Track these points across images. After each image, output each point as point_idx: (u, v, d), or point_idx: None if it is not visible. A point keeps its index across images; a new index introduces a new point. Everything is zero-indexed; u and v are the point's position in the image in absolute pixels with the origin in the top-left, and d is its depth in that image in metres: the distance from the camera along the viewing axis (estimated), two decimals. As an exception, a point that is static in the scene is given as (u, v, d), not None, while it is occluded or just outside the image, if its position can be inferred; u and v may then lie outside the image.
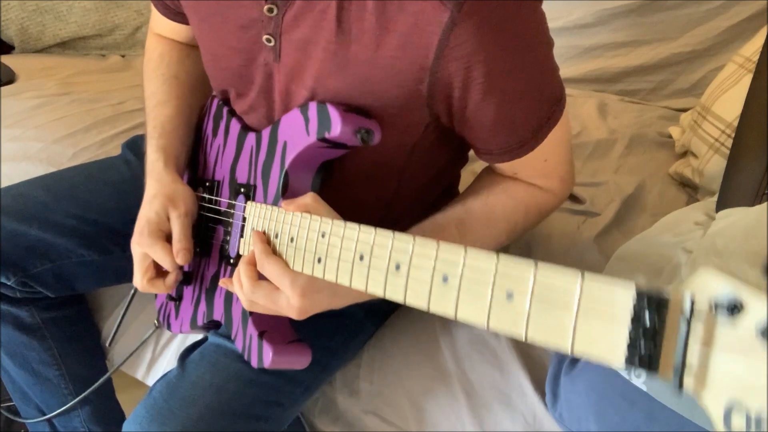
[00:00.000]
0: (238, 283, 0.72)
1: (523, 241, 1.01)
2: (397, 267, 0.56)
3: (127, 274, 0.97)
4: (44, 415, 1.07)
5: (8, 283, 0.96)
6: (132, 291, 1.01)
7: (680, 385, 0.39)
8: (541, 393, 0.84)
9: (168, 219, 0.81)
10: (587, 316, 0.43)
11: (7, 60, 1.59)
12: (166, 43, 0.97)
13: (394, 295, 0.56)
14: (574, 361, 0.80)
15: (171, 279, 0.83)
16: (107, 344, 1.09)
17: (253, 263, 0.71)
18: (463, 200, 0.80)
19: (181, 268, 0.84)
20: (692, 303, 0.39)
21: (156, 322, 0.98)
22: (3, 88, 1.47)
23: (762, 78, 0.89)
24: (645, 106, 1.48)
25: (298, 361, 0.77)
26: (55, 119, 1.36)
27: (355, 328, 0.92)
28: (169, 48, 0.96)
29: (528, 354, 0.88)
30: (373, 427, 0.90)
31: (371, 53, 0.68)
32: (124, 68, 1.71)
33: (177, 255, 0.79)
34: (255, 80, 0.80)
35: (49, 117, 1.37)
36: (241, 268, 0.71)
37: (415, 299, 0.55)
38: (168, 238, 0.81)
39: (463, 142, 0.79)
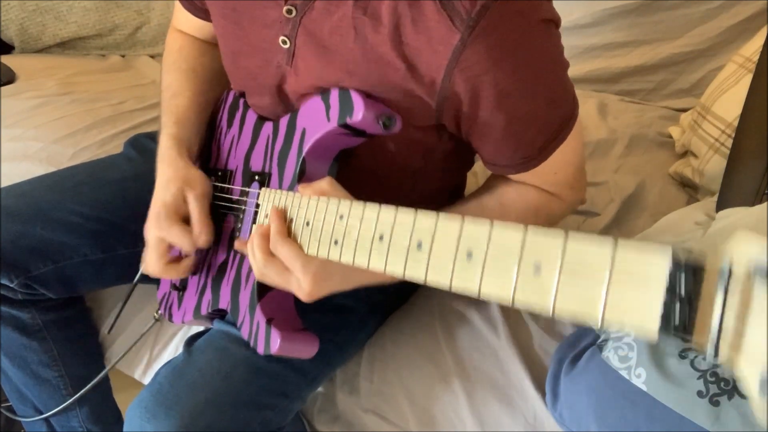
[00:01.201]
0: (251, 253, 0.72)
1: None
2: (419, 245, 0.55)
3: (127, 274, 0.97)
4: (41, 414, 1.07)
5: (11, 285, 0.96)
6: (134, 281, 1.00)
7: (716, 353, 0.38)
8: (542, 392, 0.84)
9: (185, 202, 0.81)
10: (619, 285, 0.42)
11: (7, 60, 1.59)
12: (186, 38, 0.98)
13: (415, 273, 0.56)
14: (575, 361, 0.80)
15: (188, 262, 0.83)
16: (107, 331, 1.08)
17: (267, 236, 0.71)
18: (478, 197, 0.81)
19: (196, 259, 0.84)
20: (730, 268, 0.38)
21: (156, 314, 0.98)
22: (3, 88, 1.47)
23: (762, 78, 0.89)
24: (645, 106, 1.48)
25: (305, 349, 0.77)
26: (55, 119, 1.36)
27: (358, 323, 0.93)
28: (189, 42, 0.97)
29: (528, 354, 0.88)
30: (373, 425, 0.90)
31: (384, 63, 0.69)
32: (124, 68, 1.70)
33: (199, 236, 0.79)
34: (269, 82, 0.80)
35: (49, 117, 1.37)
36: (255, 240, 0.71)
37: (437, 277, 0.54)
38: (185, 222, 0.81)
39: (471, 148, 0.80)
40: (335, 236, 0.64)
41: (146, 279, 0.98)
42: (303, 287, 0.69)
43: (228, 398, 0.79)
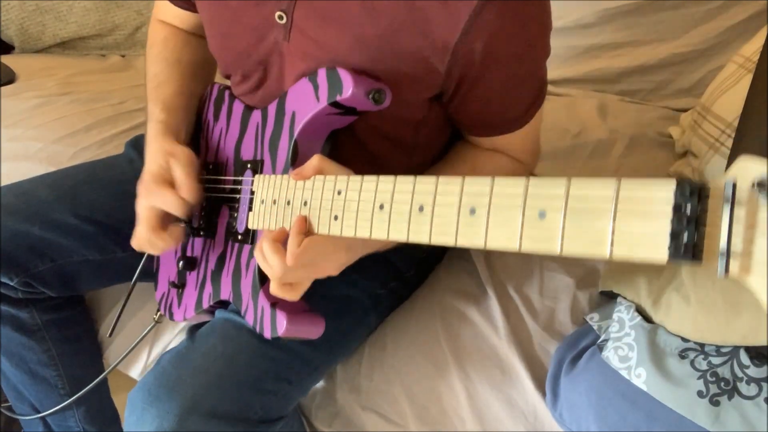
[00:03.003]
0: (266, 265, 0.71)
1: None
2: (421, 209, 0.57)
3: (128, 274, 0.97)
4: (38, 413, 1.07)
5: (11, 284, 0.96)
6: (132, 281, 1.00)
7: (726, 270, 0.39)
8: (542, 392, 0.84)
9: (169, 170, 0.81)
10: (625, 218, 0.43)
11: (7, 60, 1.59)
12: (170, 29, 0.98)
13: (419, 237, 0.57)
14: (575, 361, 0.80)
15: (177, 230, 0.82)
16: (108, 335, 1.08)
17: (279, 240, 0.70)
18: (451, 165, 0.84)
19: (184, 231, 0.83)
20: (734, 187, 0.39)
21: (155, 316, 0.98)
22: (3, 88, 1.47)
23: (762, 78, 0.89)
24: (645, 106, 1.48)
25: (312, 330, 0.76)
26: (55, 119, 1.36)
27: (361, 315, 0.93)
28: (172, 33, 0.97)
29: (529, 353, 0.88)
30: (373, 424, 0.90)
31: (393, 30, 0.70)
32: (124, 68, 1.71)
33: (187, 193, 0.79)
34: (263, 60, 0.80)
35: (49, 117, 1.37)
36: (269, 253, 0.70)
37: (441, 236, 0.55)
38: (173, 187, 0.81)
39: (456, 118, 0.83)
40: (335, 211, 0.65)
41: (145, 277, 0.98)
42: (335, 265, 0.72)
43: (231, 381, 0.79)
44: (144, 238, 0.82)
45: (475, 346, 0.90)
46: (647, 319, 0.77)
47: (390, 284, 0.96)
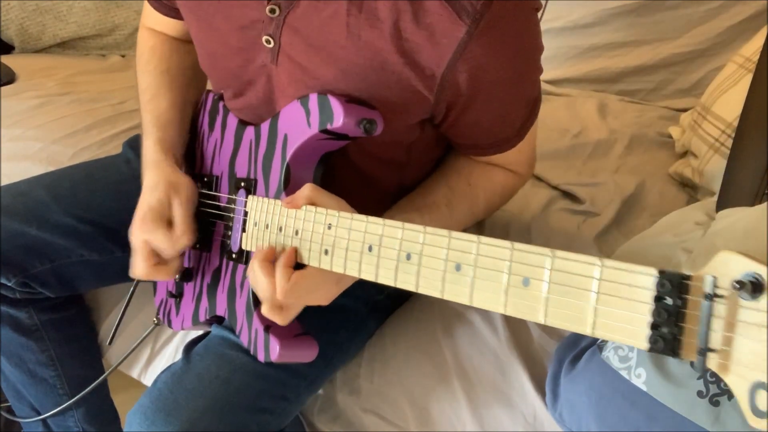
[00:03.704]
0: (257, 287, 0.72)
1: (523, 241, 1.01)
2: (408, 257, 0.57)
3: (127, 274, 0.97)
4: (37, 413, 1.07)
5: (8, 284, 0.96)
6: (132, 287, 1.00)
7: (704, 368, 0.39)
8: (542, 393, 0.84)
9: (170, 206, 0.81)
10: (608, 301, 0.44)
11: (7, 60, 1.59)
12: (157, 37, 0.97)
13: (406, 285, 0.57)
14: (574, 361, 0.80)
15: (175, 264, 0.83)
16: (107, 342, 1.08)
17: (269, 260, 0.71)
18: (446, 180, 0.84)
19: (182, 260, 0.83)
20: (714, 285, 0.39)
21: (155, 319, 0.98)
22: (3, 88, 1.47)
23: (762, 78, 0.89)
24: (645, 106, 1.48)
25: (305, 354, 0.77)
26: (55, 119, 1.36)
27: (359, 324, 0.93)
28: (160, 42, 0.97)
29: (528, 354, 0.88)
30: (373, 426, 0.90)
31: (381, 60, 0.70)
32: (124, 68, 1.70)
33: (180, 237, 0.80)
34: (253, 81, 0.80)
35: (49, 117, 1.36)
36: (260, 275, 0.70)
37: (428, 288, 0.55)
38: (169, 226, 0.81)
39: (447, 137, 0.83)
40: (325, 245, 0.65)
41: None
42: (325, 298, 0.72)
43: (227, 403, 0.79)
44: (142, 271, 0.82)
45: (474, 347, 0.90)
46: (647, 319, 0.77)
47: (388, 289, 0.95)
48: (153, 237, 0.80)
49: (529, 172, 0.91)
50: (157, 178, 0.83)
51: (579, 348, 0.81)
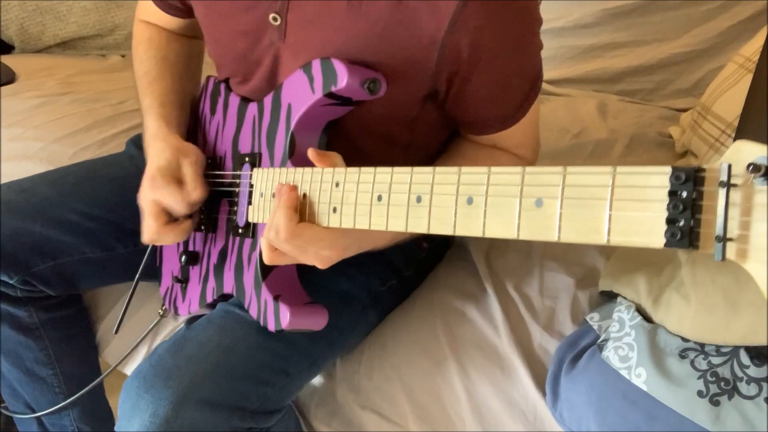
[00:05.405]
0: (273, 230, 0.70)
1: (523, 241, 1.01)
2: (419, 199, 0.58)
3: (128, 273, 0.97)
4: (33, 411, 1.07)
5: (10, 282, 0.96)
6: (136, 278, 0.99)
7: (723, 256, 0.39)
8: (542, 392, 0.84)
9: (179, 167, 0.82)
10: (622, 205, 0.44)
11: (7, 60, 1.59)
12: (153, 29, 0.99)
13: (417, 227, 0.58)
14: (575, 360, 0.80)
15: (185, 224, 0.83)
16: (114, 332, 1.08)
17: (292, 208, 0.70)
18: (451, 160, 0.85)
19: (193, 221, 0.84)
20: (729, 172, 0.39)
21: (160, 310, 0.98)
22: (3, 88, 1.47)
23: (762, 78, 0.89)
24: (645, 106, 1.48)
25: (315, 321, 0.77)
26: (55, 119, 1.36)
27: (360, 311, 0.93)
28: (157, 32, 0.98)
29: (529, 353, 0.88)
30: (372, 423, 0.90)
31: (381, 28, 0.71)
32: (124, 68, 1.70)
33: (192, 191, 0.80)
34: (260, 62, 0.81)
35: (49, 117, 1.37)
36: (282, 218, 0.69)
37: (440, 226, 0.56)
38: (179, 184, 0.81)
39: (450, 115, 0.83)
40: (333, 204, 0.66)
41: (147, 276, 0.98)
42: (323, 257, 0.69)
43: (227, 371, 0.79)
44: (154, 231, 0.82)
45: (475, 346, 0.90)
46: (647, 318, 0.77)
47: (389, 282, 0.96)
48: (164, 193, 0.80)
49: (534, 157, 0.91)
50: (164, 144, 0.83)
51: (579, 348, 0.82)
